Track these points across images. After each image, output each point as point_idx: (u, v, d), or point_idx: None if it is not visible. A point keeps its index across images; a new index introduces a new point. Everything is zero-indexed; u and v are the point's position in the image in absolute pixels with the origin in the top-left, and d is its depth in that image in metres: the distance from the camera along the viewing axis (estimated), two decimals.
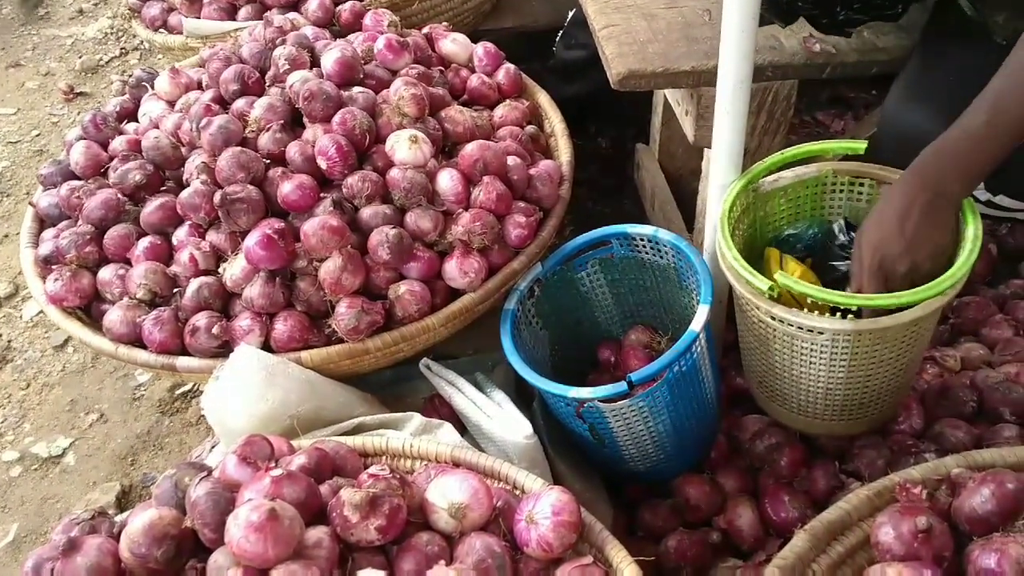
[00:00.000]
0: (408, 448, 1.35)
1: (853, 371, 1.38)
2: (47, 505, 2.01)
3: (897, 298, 1.26)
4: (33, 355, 2.37)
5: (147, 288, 1.58)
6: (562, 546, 1.16)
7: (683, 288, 1.66)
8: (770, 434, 1.64)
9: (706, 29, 1.75)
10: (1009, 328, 1.78)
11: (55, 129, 3.19)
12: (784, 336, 1.38)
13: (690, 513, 1.62)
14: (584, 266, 1.73)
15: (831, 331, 1.31)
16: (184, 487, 1.18)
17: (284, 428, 1.46)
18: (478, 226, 1.58)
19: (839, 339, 1.32)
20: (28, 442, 2.15)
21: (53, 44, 3.65)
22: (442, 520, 1.17)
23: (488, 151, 1.66)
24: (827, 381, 1.42)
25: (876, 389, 1.44)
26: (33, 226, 1.82)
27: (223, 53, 1.87)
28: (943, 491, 1.15)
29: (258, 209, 1.57)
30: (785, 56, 1.67)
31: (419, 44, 1.98)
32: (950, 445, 1.52)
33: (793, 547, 1.14)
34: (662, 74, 1.68)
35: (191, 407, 2.19)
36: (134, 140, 1.83)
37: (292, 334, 1.53)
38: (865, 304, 1.28)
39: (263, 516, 1.03)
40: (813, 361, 1.39)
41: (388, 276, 1.57)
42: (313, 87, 1.67)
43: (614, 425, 1.48)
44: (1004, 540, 1.05)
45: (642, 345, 1.71)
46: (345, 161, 1.60)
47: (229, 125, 1.66)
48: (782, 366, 1.45)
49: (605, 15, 1.83)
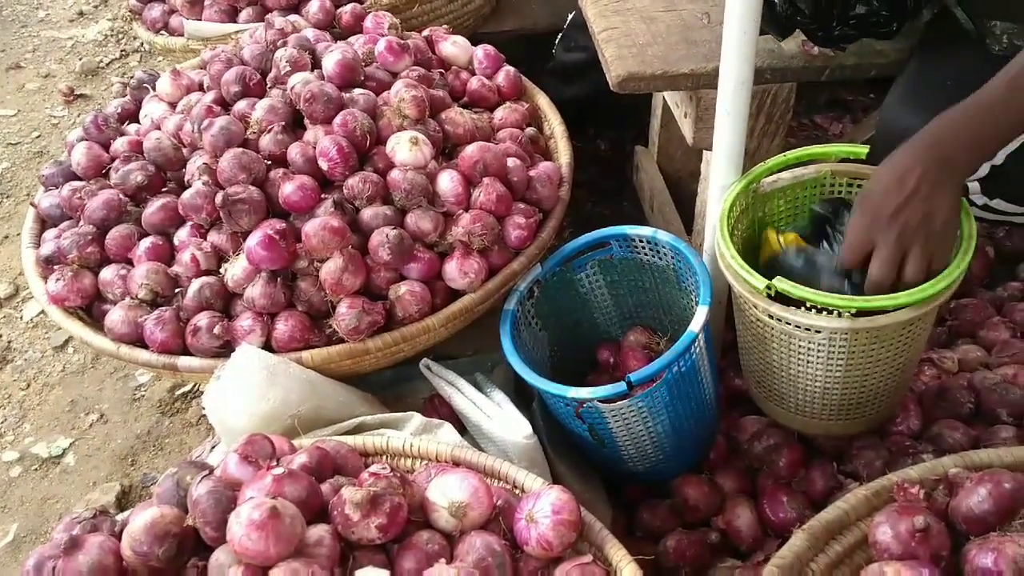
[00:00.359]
0: (408, 447, 1.36)
1: (850, 370, 1.39)
2: (47, 505, 2.01)
3: (894, 299, 1.26)
4: (33, 355, 2.37)
5: (149, 288, 1.59)
6: (562, 545, 1.16)
7: (682, 289, 1.67)
8: (769, 435, 1.65)
9: (705, 32, 1.76)
10: (1006, 330, 1.79)
11: (55, 131, 3.19)
12: (782, 335, 1.39)
13: (689, 513, 1.63)
14: (583, 267, 1.74)
15: (828, 330, 1.32)
16: (186, 486, 1.18)
17: (285, 427, 1.47)
18: (478, 227, 1.59)
19: (836, 338, 1.33)
20: (28, 442, 2.15)
21: (53, 46, 3.66)
22: (442, 519, 1.17)
23: (488, 153, 1.66)
24: (824, 380, 1.43)
25: (873, 389, 1.45)
26: (34, 226, 1.82)
27: (224, 55, 1.88)
28: (940, 491, 1.16)
29: (259, 210, 1.57)
30: (784, 59, 1.68)
31: (419, 46, 1.99)
32: (947, 446, 1.53)
33: (791, 547, 1.14)
34: (661, 76, 1.69)
35: (191, 407, 2.19)
36: (135, 141, 1.84)
37: (293, 334, 1.53)
38: (862, 307, 1.28)
39: (265, 514, 1.04)
40: (811, 360, 1.40)
41: (389, 277, 1.58)
42: (314, 89, 1.67)
43: (613, 425, 1.49)
44: (1001, 539, 1.05)
45: (641, 346, 1.71)
46: (346, 162, 1.61)
47: (231, 126, 1.67)
48: (780, 365, 1.46)
49: (605, 18, 1.84)
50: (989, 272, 1.97)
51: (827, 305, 1.29)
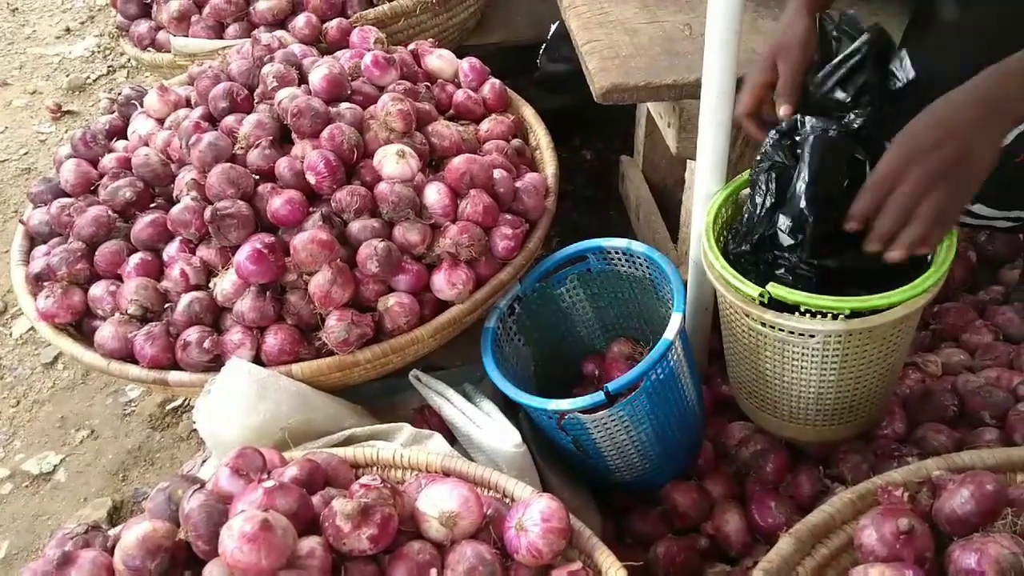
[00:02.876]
0: (399, 458, 1.37)
1: (844, 372, 1.40)
2: (39, 522, 2.01)
3: (887, 298, 1.27)
4: (23, 372, 2.37)
5: (138, 304, 1.60)
6: (552, 553, 1.17)
7: (659, 298, 1.68)
8: (755, 440, 1.66)
9: (687, 43, 1.78)
10: (989, 333, 1.81)
11: (43, 147, 3.20)
12: (775, 342, 1.40)
13: (678, 520, 1.63)
14: (563, 282, 1.75)
15: (823, 333, 1.32)
16: (177, 500, 1.18)
17: (276, 440, 1.47)
18: (465, 238, 1.60)
19: (831, 341, 1.33)
20: (19, 459, 2.15)
21: (40, 63, 3.66)
22: (433, 528, 1.18)
23: (474, 165, 1.68)
24: (819, 385, 1.43)
25: (865, 390, 1.46)
26: (24, 244, 1.82)
27: (211, 71, 1.89)
28: (924, 493, 1.17)
29: (248, 224, 1.58)
30: None
31: (405, 60, 2.00)
32: (932, 449, 1.54)
33: (779, 551, 1.15)
34: (644, 88, 1.70)
35: (182, 422, 2.20)
36: (124, 157, 1.85)
37: (283, 347, 1.54)
38: (856, 307, 1.28)
39: (256, 526, 1.05)
40: (804, 366, 1.40)
41: (377, 289, 1.59)
42: (301, 103, 1.69)
43: (596, 436, 1.50)
44: (984, 540, 1.07)
45: (624, 357, 1.73)
46: (334, 176, 1.62)
47: (218, 142, 1.68)
48: (773, 373, 1.47)
49: (588, 30, 1.85)
50: (971, 276, 1.99)
51: (821, 308, 1.29)
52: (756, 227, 1.41)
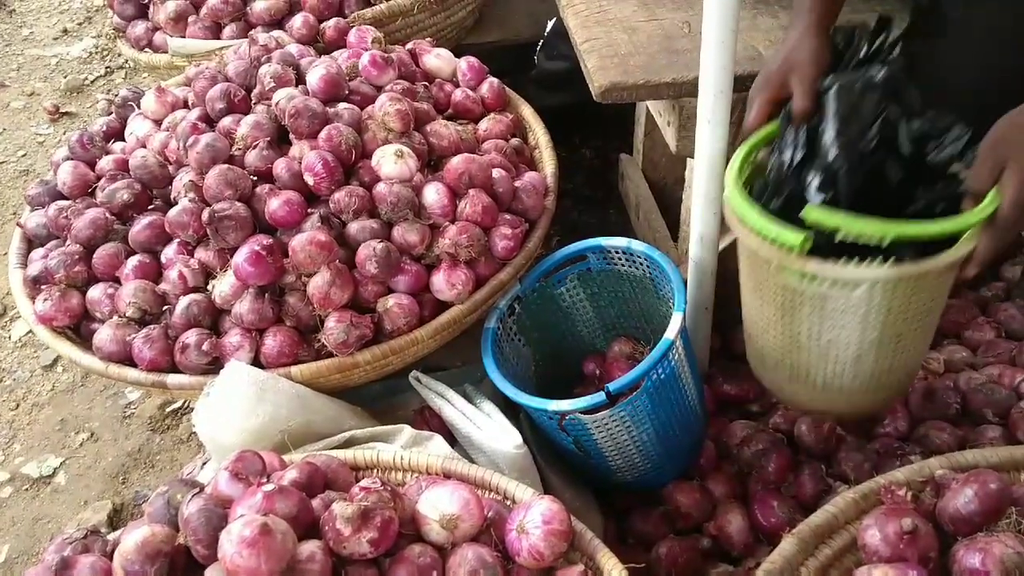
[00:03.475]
0: (399, 461, 1.36)
1: (887, 329, 1.31)
2: (39, 525, 2.01)
3: (940, 225, 1.19)
4: (22, 375, 2.37)
5: (137, 306, 1.59)
6: (553, 555, 1.17)
7: (660, 297, 1.68)
8: (757, 440, 1.65)
9: (686, 41, 1.77)
10: (991, 330, 1.80)
11: (41, 149, 3.19)
12: (814, 298, 1.29)
13: (680, 520, 1.63)
14: (563, 281, 1.75)
15: (869, 280, 1.22)
16: (176, 504, 1.18)
17: (275, 443, 1.47)
18: (464, 238, 1.60)
19: (876, 290, 1.24)
20: (18, 462, 2.15)
21: (38, 64, 3.66)
22: (434, 531, 1.18)
23: (473, 164, 1.67)
24: (859, 346, 1.34)
25: (904, 351, 1.38)
26: (21, 246, 1.82)
27: (209, 72, 1.88)
28: (928, 492, 1.17)
29: (246, 226, 1.58)
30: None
31: (403, 60, 1.99)
32: (935, 447, 1.54)
33: (781, 551, 1.15)
34: (643, 86, 1.69)
35: (181, 424, 2.19)
36: (121, 159, 1.84)
37: (282, 349, 1.54)
38: (898, 233, 1.19)
39: (256, 531, 1.04)
40: (845, 324, 1.31)
41: (376, 290, 1.59)
42: (299, 104, 1.68)
43: (597, 436, 1.49)
44: (988, 539, 1.07)
45: (625, 356, 1.72)
46: (332, 177, 1.61)
47: (216, 143, 1.67)
48: (808, 335, 1.37)
49: (586, 28, 1.85)
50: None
51: (862, 233, 1.19)
52: (783, 185, 1.34)
